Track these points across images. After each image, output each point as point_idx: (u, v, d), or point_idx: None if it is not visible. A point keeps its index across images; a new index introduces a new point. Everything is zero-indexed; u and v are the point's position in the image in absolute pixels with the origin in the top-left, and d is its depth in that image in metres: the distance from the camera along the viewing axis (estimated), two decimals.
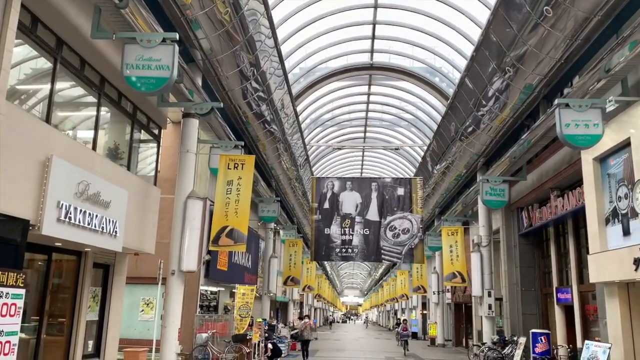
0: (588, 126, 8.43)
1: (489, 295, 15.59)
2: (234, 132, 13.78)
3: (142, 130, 10.19)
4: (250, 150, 16.44)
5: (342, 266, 79.84)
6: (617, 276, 8.81)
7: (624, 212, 8.97)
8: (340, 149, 18.01)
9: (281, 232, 23.04)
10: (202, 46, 9.46)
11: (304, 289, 28.50)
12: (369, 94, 17.06)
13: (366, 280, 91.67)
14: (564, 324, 13.86)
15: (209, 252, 13.66)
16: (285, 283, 20.24)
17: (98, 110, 8.28)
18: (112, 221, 8.03)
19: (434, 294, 24.55)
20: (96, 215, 7.56)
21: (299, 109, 15.85)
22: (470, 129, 13.99)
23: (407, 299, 33.02)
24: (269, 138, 14.84)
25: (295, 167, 18.82)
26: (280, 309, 29.16)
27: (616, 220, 9.23)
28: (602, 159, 9.79)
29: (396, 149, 17.80)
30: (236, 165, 10.13)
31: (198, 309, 13.15)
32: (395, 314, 56.24)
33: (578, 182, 11.92)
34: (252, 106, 12.55)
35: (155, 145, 10.55)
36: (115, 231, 8.15)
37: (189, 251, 9.43)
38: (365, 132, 20.07)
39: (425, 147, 18.45)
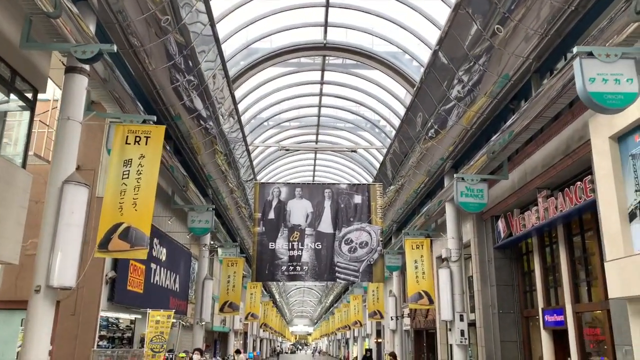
0: (619, 82, 6.23)
1: (461, 319, 13.17)
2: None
3: (11, 92, 7.29)
4: (179, 150, 13.67)
5: (291, 293, 76.57)
6: None
7: None
8: (287, 150, 15.43)
9: (220, 250, 20.06)
10: None
11: (247, 317, 25.39)
12: (322, 83, 14.62)
13: (316, 309, 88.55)
14: (553, 352, 11.57)
15: (115, 267, 10.65)
16: (222, 310, 17.22)
17: None
18: None
19: (392, 319, 22.03)
20: None
21: (237, 96, 13.22)
22: (440, 122, 11.75)
23: (361, 326, 30.37)
24: (198, 128, 12.11)
25: (236, 172, 16.08)
26: (219, 340, 25.85)
27: None
28: (621, 137, 7.63)
29: (353, 151, 15.40)
30: (138, 139, 7.34)
31: (97, 342, 10.06)
32: (347, 343, 53.36)
33: (577, 177, 9.80)
34: (174, 79, 9.85)
35: (27, 113, 7.62)
36: None
37: (64, 259, 6.52)
38: (317, 131, 17.56)
39: (385, 150, 16.14)
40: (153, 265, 12.77)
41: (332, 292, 51.65)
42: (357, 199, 15.19)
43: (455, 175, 11.36)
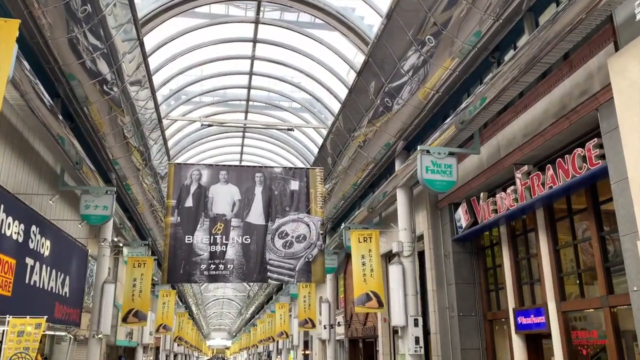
0: None
1: (416, 324, 11.16)
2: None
3: None
4: (70, 115, 10.79)
5: (209, 305, 72.56)
6: None
7: None
8: (210, 125, 12.84)
9: (125, 250, 16.97)
10: None
11: (158, 330, 22.20)
12: (254, 42, 12.16)
13: (236, 321, 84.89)
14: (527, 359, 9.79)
15: None
16: (125, 320, 14.18)
17: None
18: None
19: (325, 328, 19.78)
20: None
21: (147, 50, 10.54)
22: (399, 87, 9.75)
23: (287, 336, 27.89)
24: (92, 81, 9.32)
25: (147, 151, 13.29)
26: (125, 356, 22.42)
27: None
28: None
29: (290, 129, 13.11)
30: None
31: None
32: (269, 355, 50.55)
33: (573, 144, 8.07)
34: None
35: None
36: None
37: None
38: (247, 108, 15.00)
39: (326, 131, 13.99)
40: (29, 261, 9.71)
41: (254, 303, 48.74)
42: (294, 185, 12.90)
43: (419, 147, 9.35)
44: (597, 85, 7.02)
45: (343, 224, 18.66)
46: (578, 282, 8.36)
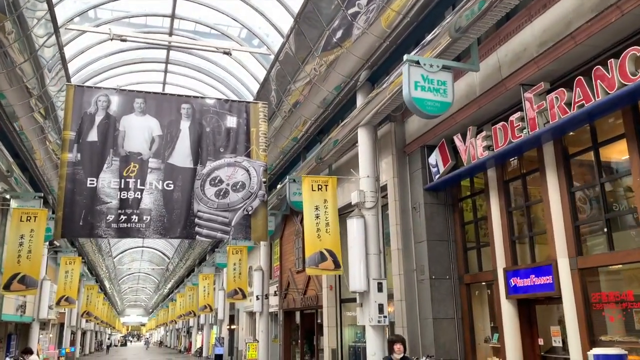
0: None
1: (380, 289, 9.13)
2: None
3: None
4: None
5: (124, 279, 68.03)
6: None
7: None
8: (124, 40, 9.96)
9: (14, 203, 13.69)
10: None
11: (59, 302, 18.96)
12: None
13: (153, 297, 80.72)
14: (519, 332, 8.01)
15: None
16: (7, 287, 11.11)
17: None
18: None
19: (257, 299, 17.47)
20: None
21: None
22: None
23: (211, 310, 25.35)
24: None
25: (38, 70, 10.20)
26: (17, 334, 18.99)
27: None
28: None
29: (226, 52, 10.46)
30: None
31: None
32: (188, 332, 47.70)
33: (613, 49, 6.14)
34: None
35: None
36: None
37: None
38: (171, 27, 11.95)
39: (272, 58, 11.52)
40: None
41: (174, 276, 45.46)
42: (231, 121, 10.38)
43: (406, 57, 7.10)
44: None
45: (282, 181, 16.44)
46: (606, 230, 6.56)
